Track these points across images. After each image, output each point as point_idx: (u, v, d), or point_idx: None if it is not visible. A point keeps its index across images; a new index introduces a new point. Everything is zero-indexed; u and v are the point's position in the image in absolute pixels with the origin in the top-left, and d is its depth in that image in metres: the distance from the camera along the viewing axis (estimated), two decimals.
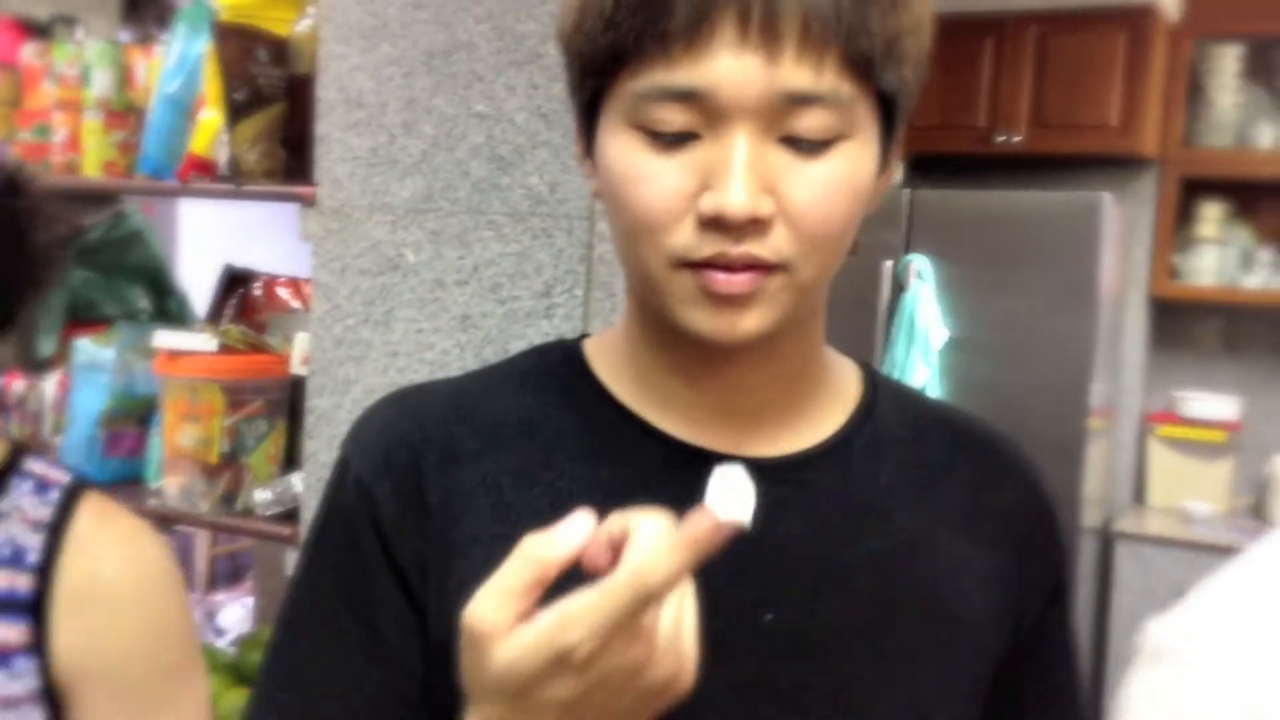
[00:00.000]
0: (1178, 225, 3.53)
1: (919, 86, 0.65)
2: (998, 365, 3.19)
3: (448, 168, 1.41)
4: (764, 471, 0.60)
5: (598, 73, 0.62)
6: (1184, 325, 3.71)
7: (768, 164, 0.60)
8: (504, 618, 0.52)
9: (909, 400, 0.78)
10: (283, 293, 2.02)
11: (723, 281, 0.61)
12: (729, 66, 0.58)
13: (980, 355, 3.21)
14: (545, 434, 0.70)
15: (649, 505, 0.54)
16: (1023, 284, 3.16)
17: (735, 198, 0.58)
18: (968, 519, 0.73)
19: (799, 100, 0.59)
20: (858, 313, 3.34)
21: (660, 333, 0.68)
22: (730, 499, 0.52)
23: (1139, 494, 3.65)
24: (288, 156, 1.63)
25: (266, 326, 1.86)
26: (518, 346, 0.78)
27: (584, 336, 0.78)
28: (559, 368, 0.74)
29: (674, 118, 0.60)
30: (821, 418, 0.72)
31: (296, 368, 1.64)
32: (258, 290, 2.01)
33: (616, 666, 0.53)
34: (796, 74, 0.58)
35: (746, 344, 0.63)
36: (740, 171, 0.58)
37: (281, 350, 1.70)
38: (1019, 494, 0.76)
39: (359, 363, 1.49)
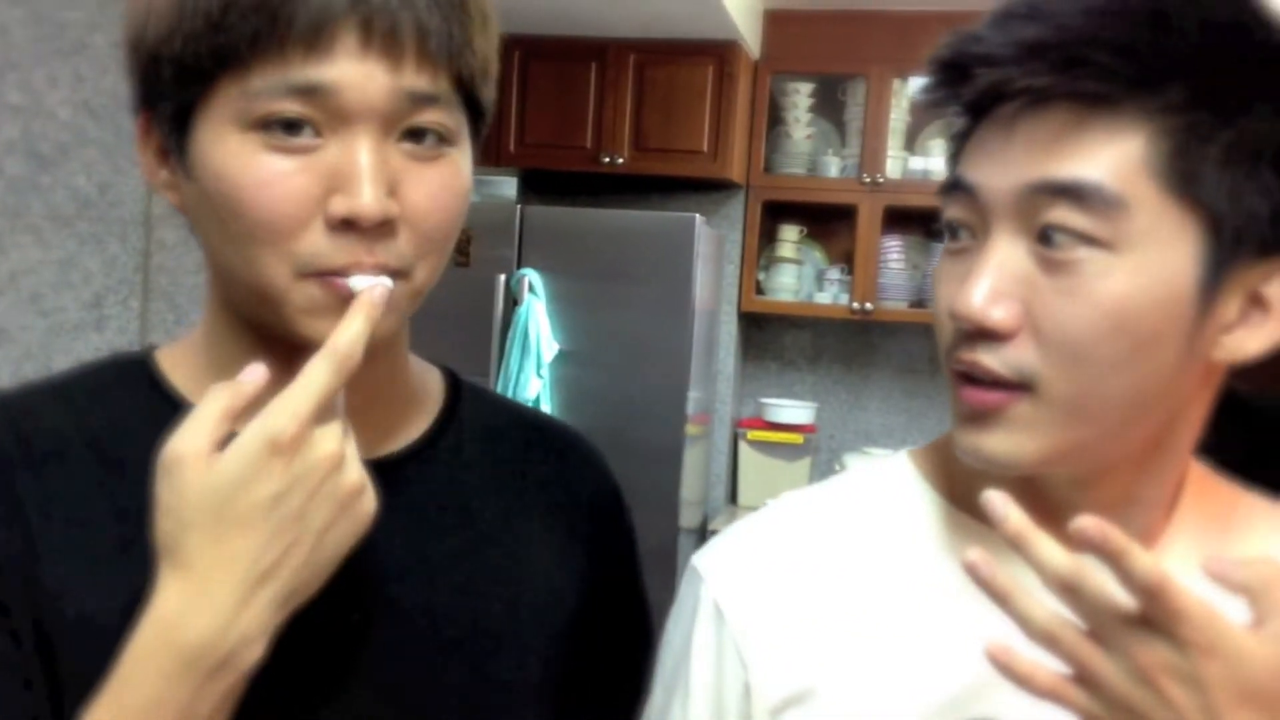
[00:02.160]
0: (762, 245, 3.86)
1: (492, 106, 0.70)
2: (604, 376, 3.33)
3: None
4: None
5: (198, 77, 0.61)
6: (769, 337, 4.06)
7: (390, 167, 0.62)
8: (202, 443, 0.56)
9: (488, 403, 0.82)
10: None
11: (351, 291, 0.61)
12: (353, 69, 0.60)
13: (588, 366, 3.34)
14: (117, 452, 0.67)
15: None
16: (626, 298, 3.32)
17: (368, 199, 0.60)
18: (546, 511, 0.78)
19: (421, 99, 0.62)
20: (472, 325, 3.37)
21: (257, 342, 0.67)
22: (370, 283, 0.61)
23: (732, 494, 3.94)
24: None
25: None
26: (63, 362, 0.72)
27: (150, 349, 0.74)
28: (128, 382, 0.70)
29: (293, 109, 0.60)
30: (409, 421, 0.75)
31: None
32: None
33: (318, 456, 0.56)
34: (417, 80, 0.61)
35: (365, 351, 0.63)
36: (370, 173, 0.60)
37: None
38: (593, 485, 0.82)
39: None
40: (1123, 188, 0.59)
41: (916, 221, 3.79)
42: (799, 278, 3.86)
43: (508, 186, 4.03)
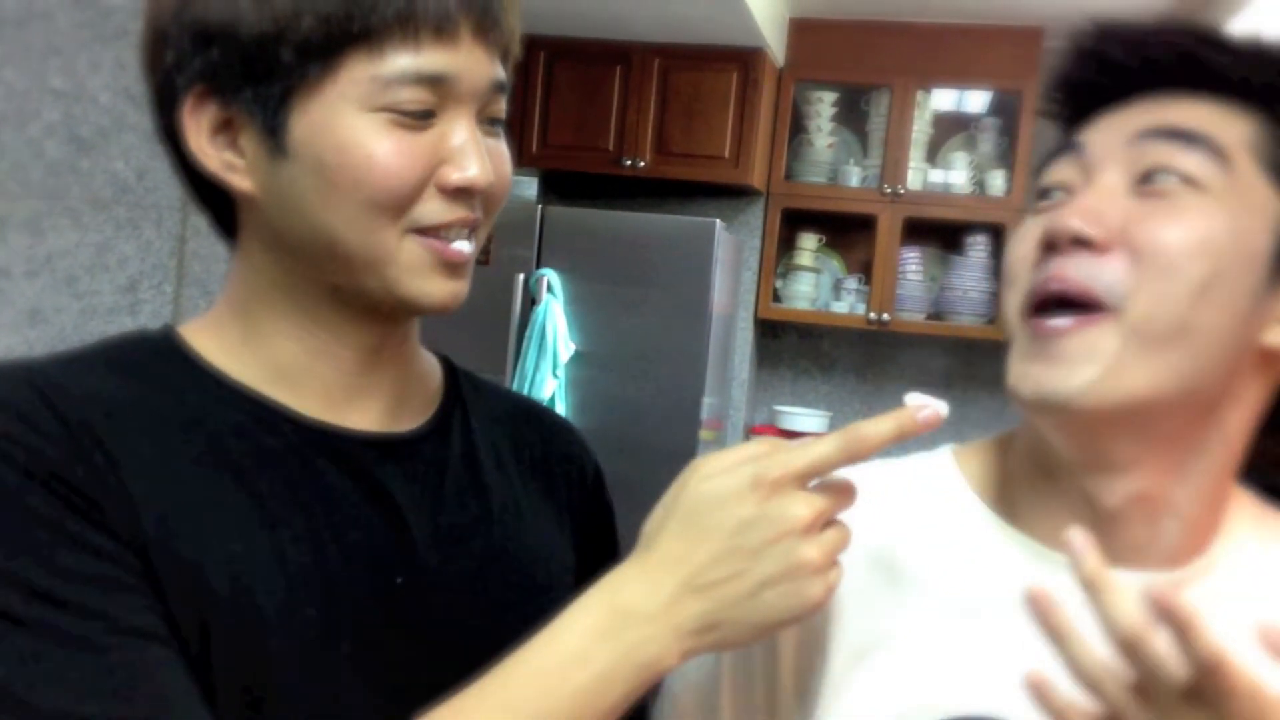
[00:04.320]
0: (780, 253, 3.86)
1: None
2: (619, 378, 3.34)
3: (17, 147, 1.28)
4: (389, 447, 0.72)
5: (323, 55, 0.65)
6: (784, 345, 4.06)
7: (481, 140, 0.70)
8: (724, 462, 0.62)
9: (483, 388, 0.86)
10: None
11: (454, 252, 0.69)
12: (470, 58, 0.68)
13: (603, 368, 3.34)
14: (172, 416, 0.67)
15: (273, 475, 0.66)
16: (644, 301, 3.33)
17: (480, 171, 0.68)
18: (542, 487, 0.83)
19: (499, 88, 0.70)
20: (490, 324, 3.38)
21: (297, 319, 0.71)
22: (925, 402, 0.63)
23: None
24: None
25: None
26: None
27: (166, 328, 0.74)
28: (163, 355, 0.70)
29: (421, 97, 0.66)
30: (422, 402, 0.78)
31: None
32: None
33: (787, 510, 0.60)
34: (498, 67, 0.70)
35: (456, 307, 0.71)
36: (479, 148, 0.68)
37: None
38: (579, 464, 0.87)
39: None
40: (1228, 147, 0.66)
41: (936, 234, 3.79)
42: (816, 286, 3.87)
43: (529, 187, 4.05)
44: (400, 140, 0.66)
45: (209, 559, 0.63)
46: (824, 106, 3.79)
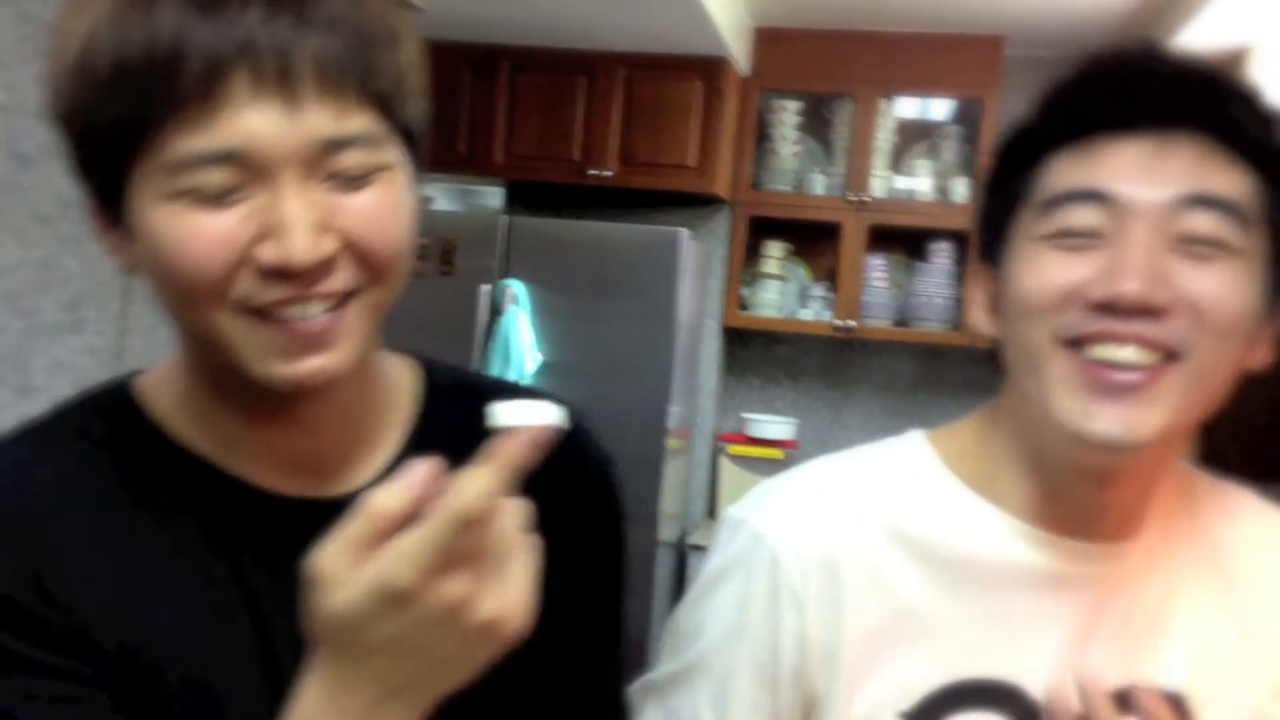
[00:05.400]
0: (747, 261, 3.87)
1: (425, 116, 0.69)
2: (585, 388, 3.33)
3: None
4: (332, 511, 0.60)
5: (115, 149, 0.60)
6: (751, 353, 4.07)
7: (319, 204, 0.61)
8: (341, 565, 0.56)
9: (469, 387, 0.80)
10: None
11: (301, 326, 0.61)
12: (256, 122, 0.58)
13: (570, 378, 3.34)
14: (122, 497, 0.67)
15: (228, 555, 0.65)
16: (609, 311, 3.32)
17: (297, 246, 0.59)
18: (535, 494, 0.77)
19: (334, 145, 0.61)
20: (455, 334, 3.37)
21: (227, 382, 0.67)
22: (520, 415, 0.57)
23: (711, 509, 3.95)
24: None
25: None
26: (40, 363, 0.71)
27: (130, 376, 0.74)
28: (112, 419, 0.70)
29: (217, 179, 0.59)
30: (381, 440, 0.74)
31: None
32: None
33: (439, 602, 0.56)
34: (322, 120, 0.60)
35: (330, 382, 0.63)
36: (296, 219, 0.59)
37: None
38: (579, 460, 0.81)
39: None
40: (1248, 209, 0.73)
41: (900, 241, 3.81)
42: (783, 294, 3.88)
43: (493, 197, 4.03)
44: (198, 224, 0.60)
45: (165, 655, 0.64)
46: (788, 115, 3.80)
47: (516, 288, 3.32)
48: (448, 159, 3.78)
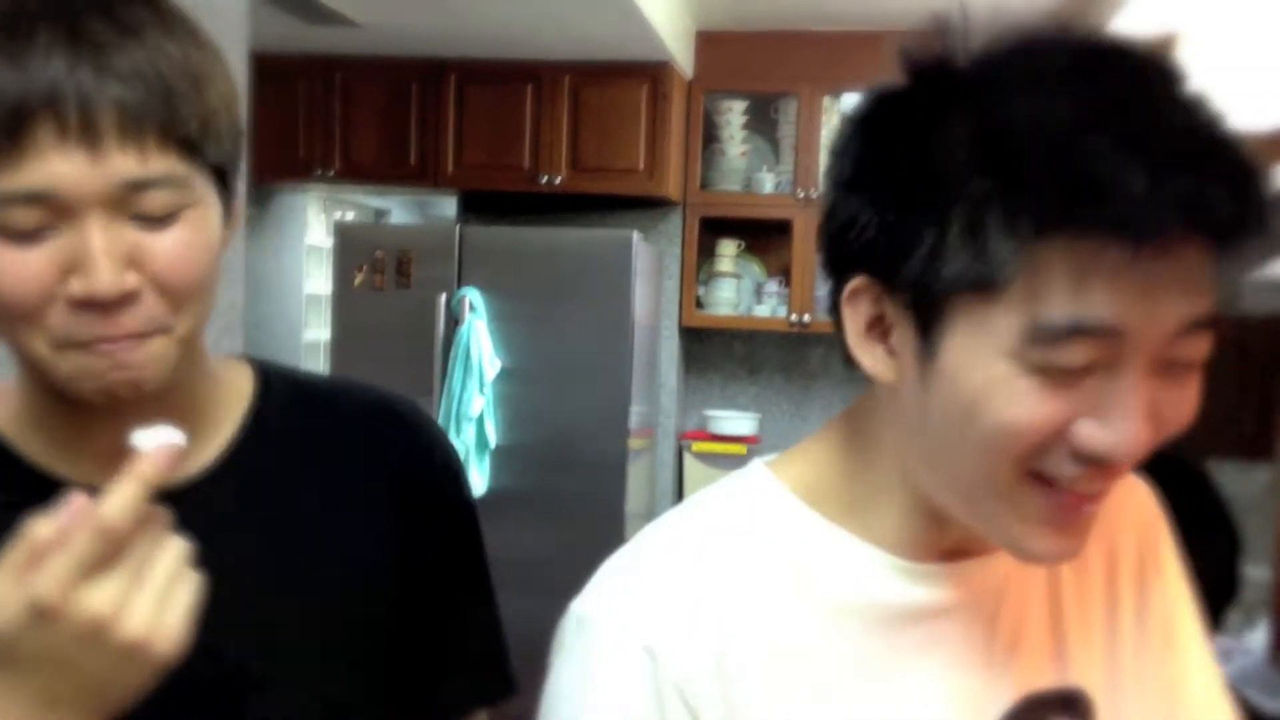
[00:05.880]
0: (701, 261, 3.92)
1: (239, 152, 0.74)
2: (547, 392, 3.37)
3: None
4: (171, 498, 0.64)
5: None
6: (710, 350, 4.12)
7: (124, 242, 0.66)
8: (2, 589, 0.59)
9: (306, 388, 0.86)
10: None
11: (112, 352, 0.67)
12: (60, 166, 0.63)
13: (530, 384, 3.37)
14: None
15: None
16: (567, 316, 3.36)
17: (100, 280, 0.64)
18: (361, 484, 0.83)
19: (136, 186, 0.65)
20: (414, 345, 3.39)
21: (54, 390, 0.71)
22: (155, 438, 0.63)
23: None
24: None
25: None
26: None
27: None
28: None
29: (26, 217, 0.64)
30: (211, 433, 0.79)
31: None
32: None
33: (83, 615, 0.59)
34: (125, 164, 0.64)
35: (139, 393, 0.69)
36: (99, 256, 0.64)
37: None
38: (404, 448, 0.85)
39: None
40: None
41: None
42: (738, 291, 3.93)
43: (447, 207, 4.06)
44: (9, 256, 0.64)
45: None
46: (734, 115, 3.86)
47: (473, 296, 3.36)
48: (400, 172, 3.81)
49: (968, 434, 0.62)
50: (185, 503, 0.70)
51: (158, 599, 0.61)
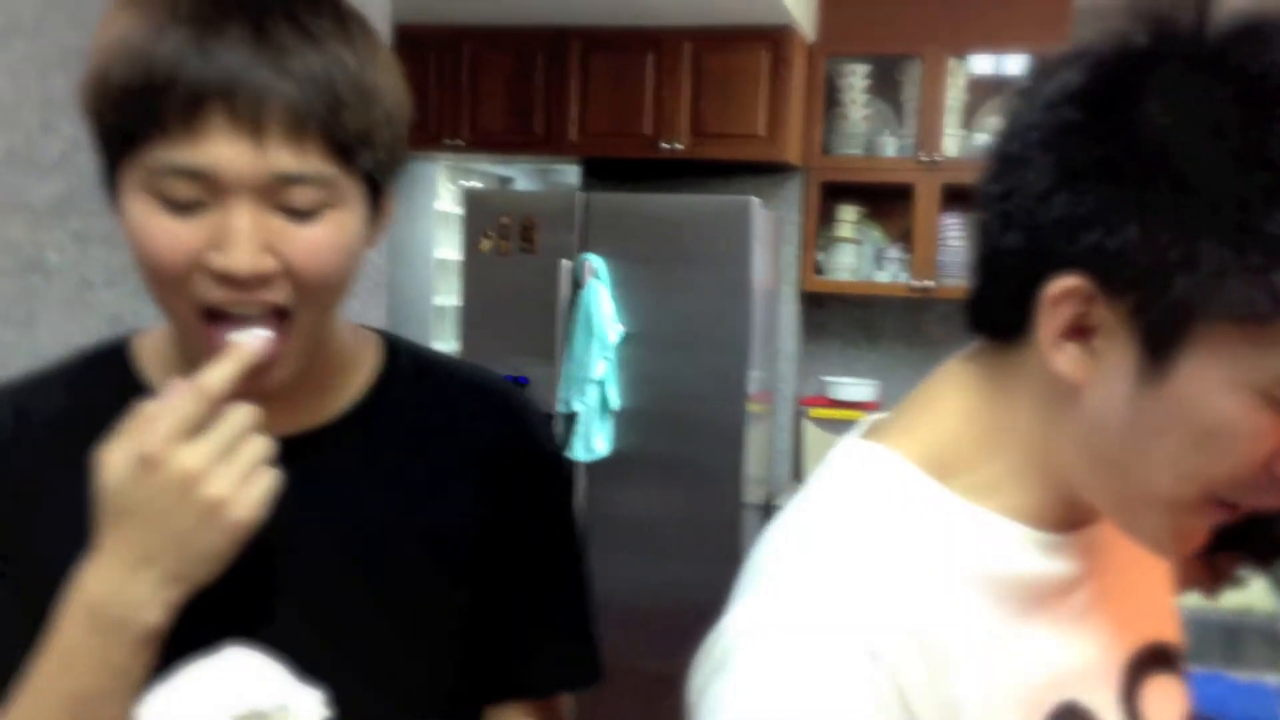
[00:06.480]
0: (820, 226, 3.91)
1: (398, 164, 0.79)
2: (667, 357, 3.43)
3: (93, 168, 1.38)
4: (290, 444, 0.75)
5: (112, 146, 0.72)
6: (829, 317, 4.12)
7: (267, 228, 0.71)
8: (115, 450, 0.70)
9: (427, 364, 0.91)
10: None
11: (225, 342, 0.73)
12: (225, 150, 0.69)
13: (651, 348, 3.43)
14: (93, 432, 0.76)
15: None
16: (687, 281, 3.40)
17: (240, 259, 0.71)
18: (454, 458, 0.88)
19: (289, 179, 0.71)
20: (538, 310, 3.48)
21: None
22: (250, 335, 0.73)
23: (797, 471, 4.01)
24: None
25: None
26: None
27: (131, 333, 0.87)
28: (106, 368, 0.84)
29: (183, 190, 0.70)
30: (337, 395, 0.85)
31: None
32: None
33: (177, 469, 0.68)
34: (282, 158, 0.70)
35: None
36: (242, 237, 0.70)
37: None
38: (498, 427, 0.90)
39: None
40: None
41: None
42: (858, 257, 3.91)
43: (570, 174, 4.13)
44: (164, 223, 0.71)
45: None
46: (857, 79, 3.83)
47: (595, 261, 3.42)
48: (525, 140, 3.89)
49: (1186, 455, 0.60)
50: (304, 447, 0.80)
51: (242, 471, 0.70)
